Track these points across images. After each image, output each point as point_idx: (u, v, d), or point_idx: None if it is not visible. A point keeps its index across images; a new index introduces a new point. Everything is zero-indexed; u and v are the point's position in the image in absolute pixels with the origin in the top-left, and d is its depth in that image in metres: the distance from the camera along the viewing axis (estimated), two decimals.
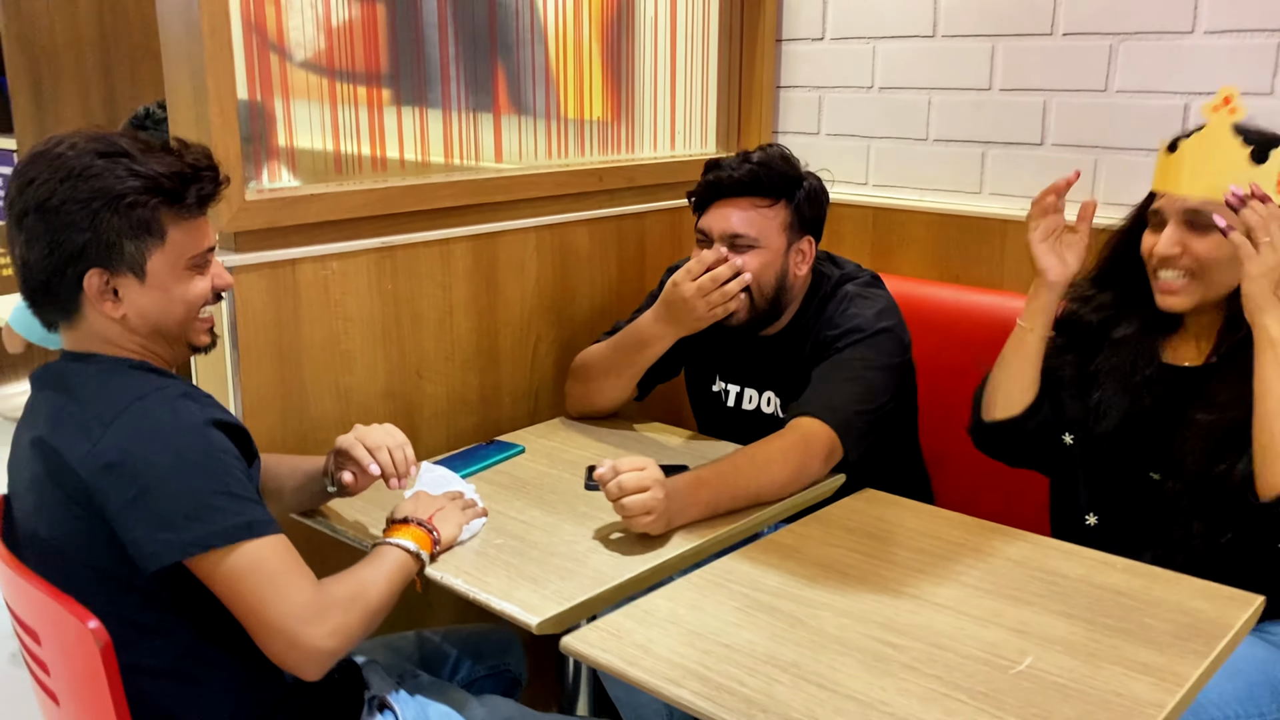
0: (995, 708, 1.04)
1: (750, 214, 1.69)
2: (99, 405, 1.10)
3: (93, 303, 1.15)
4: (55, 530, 1.10)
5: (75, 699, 1.04)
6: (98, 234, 1.11)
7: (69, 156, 1.12)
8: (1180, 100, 1.84)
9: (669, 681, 1.09)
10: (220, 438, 1.11)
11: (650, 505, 1.35)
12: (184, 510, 1.06)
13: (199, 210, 1.19)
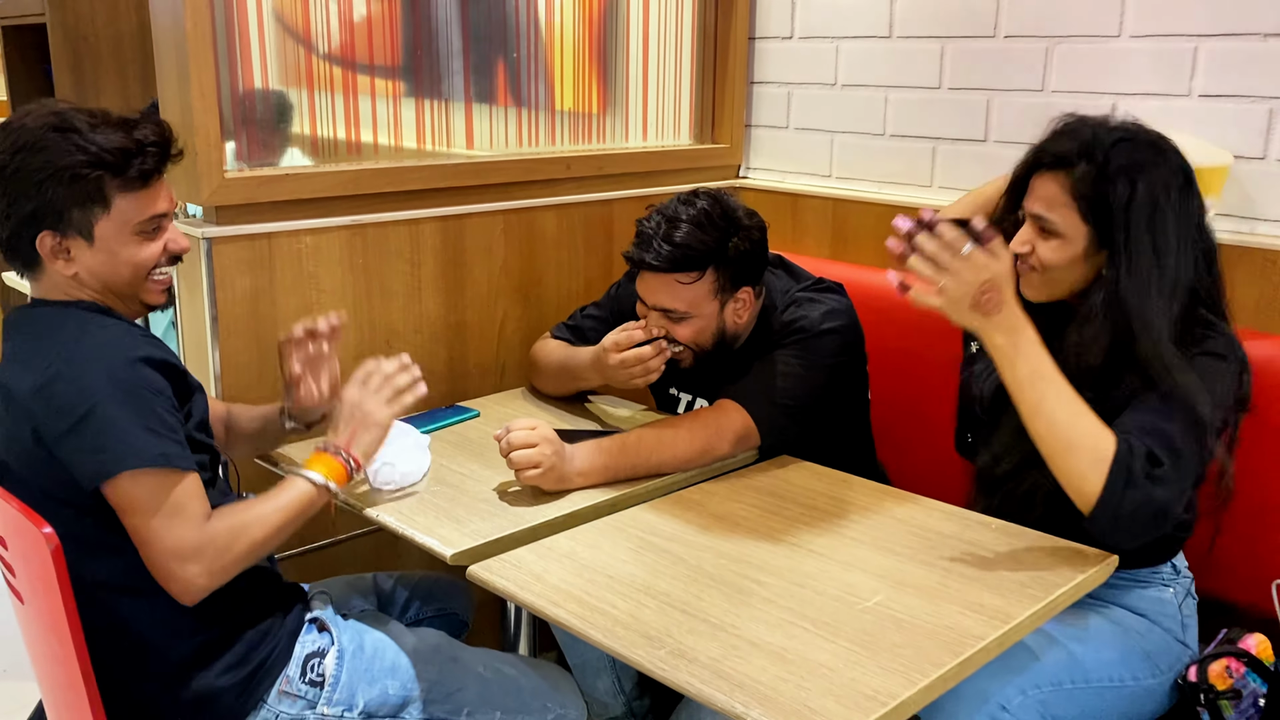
0: (831, 634, 1.17)
1: (677, 289, 1.69)
2: (46, 342, 1.26)
3: (48, 260, 1.30)
4: (14, 457, 1.26)
5: (35, 596, 1.21)
6: (46, 201, 1.25)
7: (26, 129, 1.26)
8: (1109, 101, 1.94)
9: (551, 603, 1.23)
10: (150, 374, 1.24)
11: (536, 460, 1.49)
12: (108, 437, 1.19)
13: (142, 182, 1.30)
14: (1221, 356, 1.39)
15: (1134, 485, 1.26)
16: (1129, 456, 1.27)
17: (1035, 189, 1.44)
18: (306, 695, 1.34)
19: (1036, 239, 1.44)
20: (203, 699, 1.28)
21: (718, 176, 2.52)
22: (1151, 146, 1.40)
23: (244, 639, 1.32)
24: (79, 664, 1.15)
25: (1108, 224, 1.37)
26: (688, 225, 1.67)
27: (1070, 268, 1.42)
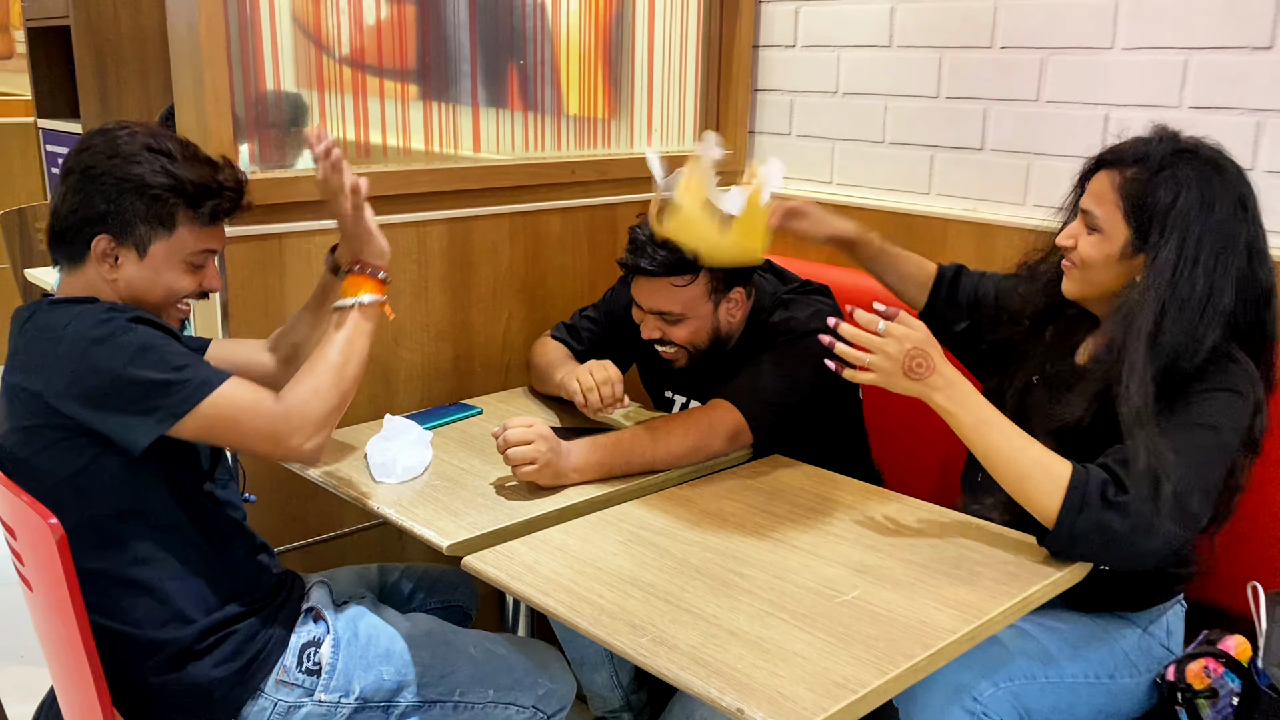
0: (808, 625, 1.21)
1: (672, 293, 1.75)
2: (47, 341, 1.30)
3: (95, 261, 1.37)
4: (30, 451, 1.31)
5: (42, 585, 1.26)
6: (120, 208, 1.34)
7: (123, 139, 1.35)
8: (1101, 111, 1.98)
9: (541, 593, 1.28)
10: (146, 329, 1.30)
11: (532, 456, 1.54)
12: (147, 395, 1.26)
13: (209, 220, 1.40)
14: (1238, 393, 1.40)
15: (1088, 508, 1.31)
16: (1084, 481, 1.32)
17: (1091, 185, 1.49)
18: (303, 684, 1.39)
19: (1082, 233, 1.48)
20: (200, 688, 1.34)
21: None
22: (1211, 164, 1.42)
23: (240, 630, 1.37)
24: (85, 651, 1.20)
25: (1145, 228, 1.40)
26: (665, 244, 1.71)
27: (1105, 266, 1.45)
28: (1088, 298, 1.53)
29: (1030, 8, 2.04)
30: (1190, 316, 1.38)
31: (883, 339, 1.39)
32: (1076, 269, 1.51)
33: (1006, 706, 1.42)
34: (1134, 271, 1.44)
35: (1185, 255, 1.38)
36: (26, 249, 3.35)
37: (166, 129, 1.42)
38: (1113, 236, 1.45)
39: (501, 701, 1.50)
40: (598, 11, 2.32)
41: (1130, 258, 1.44)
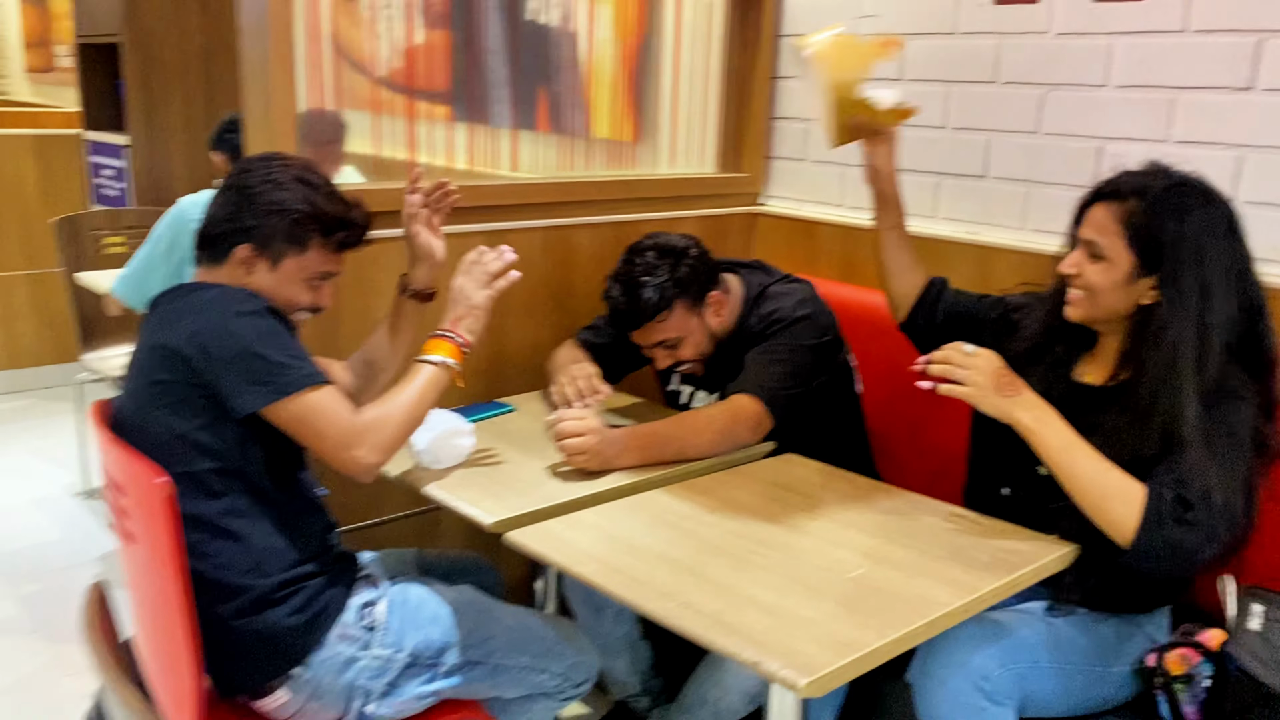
0: (818, 597, 1.36)
1: (662, 328, 1.99)
2: (191, 303, 1.52)
3: (233, 265, 1.58)
4: (160, 409, 1.48)
5: (146, 537, 1.42)
6: (265, 225, 1.56)
7: (277, 168, 1.58)
8: (1095, 143, 2.13)
9: (576, 562, 1.43)
10: (277, 320, 1.52)
11: (584, 446, 1.72)
12: (264, 370, 1.45)
13: (336, 248, 1.62)
14: (1244, 399, 1.54)
15: (1164, 526, 1.45)
16: (1158, 502, 1.46)
17: (1090, 217, 1.62)
18: (361, 639, 1.54)
19: (1085, 262, 1.61)
20: (273, 635, 1.49)
21: (739, 203, 2.72)
22: (1202, 194, 1.56)
23: (310, 587, 1.53)
24: (180, 597, 1.36)
25: (1151, 254, 1.54)
26: (642, 277, 1.96)
27: (1112, 290, 1.58)
28: (1094, 321, 1.65)
29: (1031, 47, 2.20)
30: (1220, 337, 1.52)
31: (974, 359, 1.55)
32: (1083, 295, 1.63)
33: (1011, 687, 1.55)
34: (1138, 295, 1.57)
35: (1204, 280, 1.52)
36: (78, 253, 3.52)
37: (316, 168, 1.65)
38: (1117, 263, 1.57)
39: (534, 667, 1.64)
40: (626, 42, 2.49)
41: (1134, 282, 1.57)
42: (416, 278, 1.84)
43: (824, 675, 1.18)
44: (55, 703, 2.40)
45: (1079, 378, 1.71)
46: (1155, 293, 1.55)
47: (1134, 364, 1.59)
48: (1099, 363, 1.70)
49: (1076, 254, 1.64)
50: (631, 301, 1.97)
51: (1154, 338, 1.54)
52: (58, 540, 3.23)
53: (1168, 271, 1.53)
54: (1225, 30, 1.94)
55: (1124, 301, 1.59)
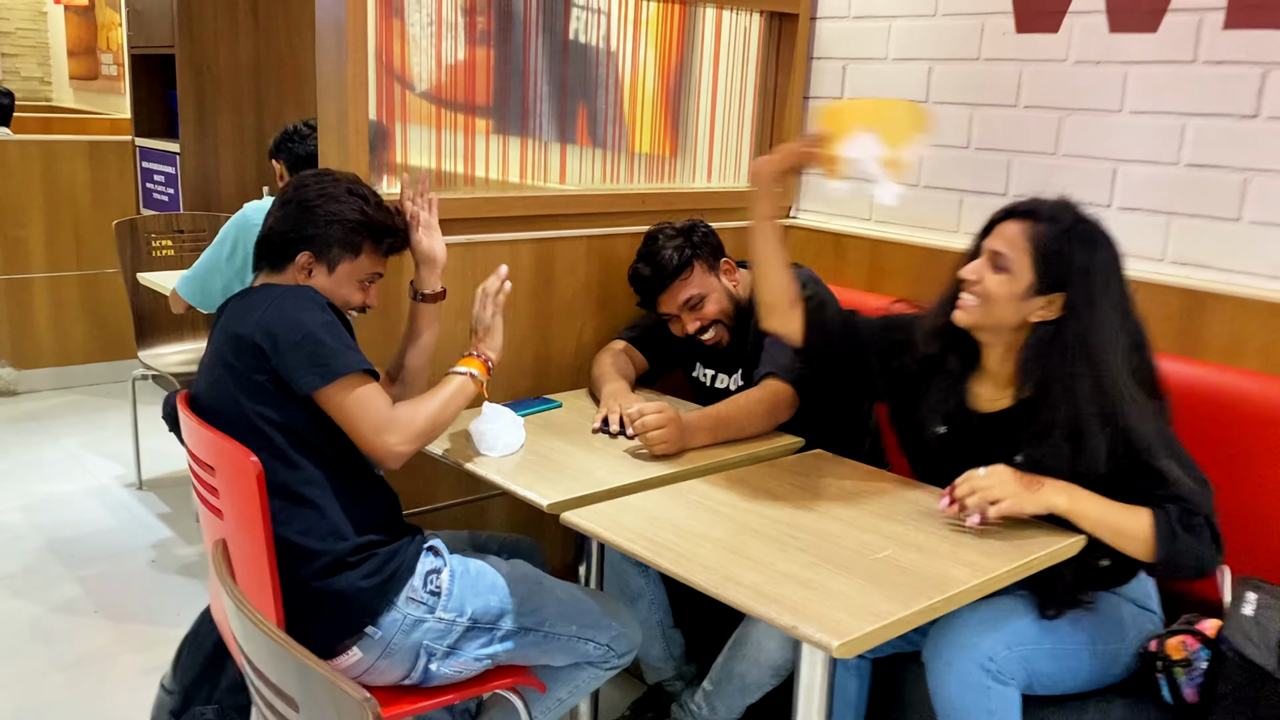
0: (848, 574, 1.49)
1: (686, 286, 2.25)
2: (264, 297, 1.70)
3: (294, 270, 1.77)
4: (236, 392, 1.64)
5: (235, 510, 1.57)
6: (323, 233, 1.76)
7: (333, 183, 1.78)
8: (1110, 165, 2.27)
9: (627, 540, 1.57)
10: (334, 315, 1.69)
11: (665, 437, 1.92)
12: (323, 354, 1.62)
13: (384, 253, 1.84)
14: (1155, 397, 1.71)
15: (1177, 539, 1.61)
16: (1166, 521, 1.62)
17: (1000, 231, 1.74)
18: (427, 602, 1.69)
19: (987, 271, 1.73)
20: (349, 594, 1.64)
21: None
22: (1104, 233, 1.72)
23: (381, 553, 1.68)
24: (269, 564, 1.51)
25: (1053, 276, 1.68)
26: (663, 247, 2.25)
27: (1008, 302, 1.70)
28: (980, 328, 1.77)
29: (1050, 73, 2.34)
30: (1122, 359, 1.67)
31: (989, 478, 1.64)
32: (977, 302, 1.74)
33: (1017, 667, 1.67)
34: (1029, 311, 1.70)
35: (1108, 308, 1.67)
36: (136, 255, 3.69)
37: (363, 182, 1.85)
38: (1019, 277, 1.69)
39: (582, 636, 1.79)
40: (666, 61, 2.64)
41: (1029, 298, 1.69)
42: (424, 281, 2.00)
43: (854, 639, 1.32)
44: (117, 677, 2.56)
45: (976, 404, 1.83)
46: (1047, 311, 1.69)
47: (1035, 382, 1.72)
48: (990, 383, 1.82)
49: (979, 262, 1.75)
50: (655, 268, 2.24)
51: (1056, 358, 1.67)
52: (114, 528, 3.40)
53: (1078, 295, 1.66)
54: (1233, 62, 2.07)
55: (1014, 315, 1.71)
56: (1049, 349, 1.69)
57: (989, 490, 1.62)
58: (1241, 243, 2.10)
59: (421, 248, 1.98)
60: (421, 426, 1.70)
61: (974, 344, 1.82)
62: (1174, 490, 1.63)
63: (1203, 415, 2.00)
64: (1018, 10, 2.38)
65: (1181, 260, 2.19)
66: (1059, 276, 1.68)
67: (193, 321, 3.68)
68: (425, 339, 2.01)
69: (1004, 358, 1.78)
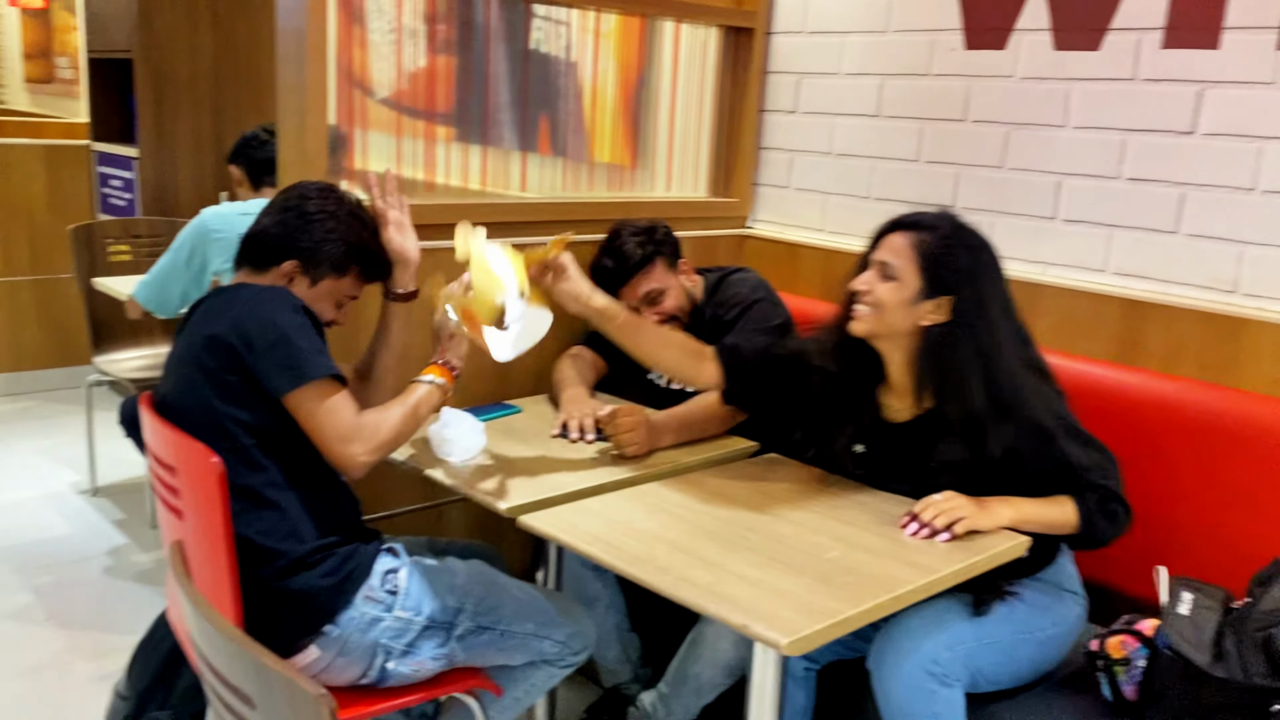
0: (798, 573, 1.53)
1: (647, 279, 2.34)
2: (238, 297, 1.71)
3: (275, 275, 1.79)
4: (206, 393, 1.64)
5: (195, 510, 1.58)
6: (317, 247, 1.78)
7: (335, 201, 1.82)
8: (1055, 179, 2.34)
9: (583, 542, 1.60)
10: (307, 318, 1.70)
11: (637, 439, 1.98)
12: (296, 357, 1.63)
13: (366, 279, 1.89)
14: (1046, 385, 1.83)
15: (1097, 525, 1.75)
16: (1087, 509, 1.75)
17: (886, 242, 1.83)
18: (385, 601, 1.70)
19: (876, 281, 1.82)
20: (308, 594, 1.65)
21: (728, 226, 2.92)
22: (981, 239, 1.82)
23: (340, 553, 1.69)
24: (228, 564, 1.52)
25: (938, 280, 1.77)
26: (626, 242, 2.34)
27: (899, 308, 1.79)
28: (875, 336, 1.85)
29: (997, 89, 2.41)
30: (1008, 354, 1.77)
31: (947, 500, 1.71)
32: (869, 311, 1.82)
33: (960, 668, 1.72)
34: (920, 315, 1.78)
35: (990, 308, 1.77)
36: (92, 260, 3.67)
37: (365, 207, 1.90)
38: (907, 284, 1.78)
39: (538, 635, 1.81)
40: (626, 72, 2.68)
41: (918, 303, 1.78)
42: (396, 280, 2.02)
43: (803, 636, 1.36)
44: (70, 685, 2.54)
45: (887, 416, 1.91)
46: (936, 315, 1.77)
47: (933, 385, 1.81)
48: (896, 394, 1.90)
49: (869, 274, 1.84)
50: (619, 259, 2.33)
51: (947, 358, 1.77)
52: (68, 535, 3.36)
53: (965, 297, 1.75)
54: (1170, 80, 2.15)
55: (906, 320, 1.79)
56: (940, 350, 1.78)
57: (952, 511, 1.70)
58: (1179, 254, 2.18)
59: (393, 246, 1.99)
60: (385, 437, 1.71)
61: (876, 358, 1.89)
62: (1087, 477, 1.76)
63: (1141, 422, 2.08)
64: (967, 27, 2.45)
65: (1123, 271, 2.26)
66: (944, 280, 1.77)
67: (149, 327, 3.65)
68: (394, 338, 2.03)
69: (904, 367, 1.86)
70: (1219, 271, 2.13)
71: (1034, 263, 2.39)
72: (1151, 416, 2.07)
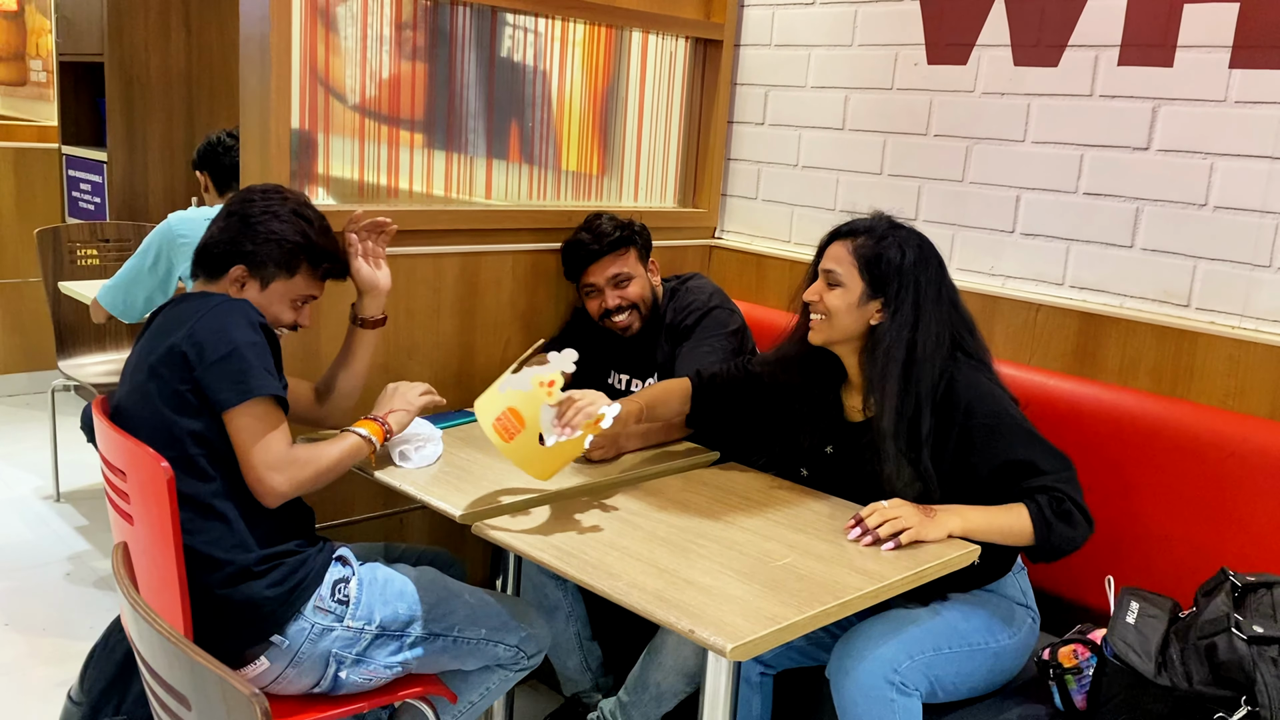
0: (747, 579, 1.54)
1: (621, 261, 2.38)
2: (193, 307, 1.69)
3: (228, 281, 1.78)
4: (158, 401, 1.64)
5: (145, 516, 1.57)
6: (261, 249, 1.76)
7: (276, 200, 1.79)
8: (1014, 192, 2.37)
9: (536, 549, 1.61)
10: (265, 336, 1.70)
11: (602, 442, 2.00)
12: (244, 373, 1.62)
13: (320, 277, 1.85)
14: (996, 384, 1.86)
15: (1053, 528, 1.74)
16: (1040, 513, 1.75)
17: (830, 252, 1.90)
18: (335, 611, 1.70)
19: (824, 291, 1.88)
20: (255, 603, 1.64)
21: (696, 236, 2.93)
22: (917, 236, 1.89)
23: (288, 563, 1.69)
24: (177, 570, 1.51)
25: (877, 280, 1.84)
26: (605, 223, 2.39)
27: (847, 312, 1.86)
28: (832, 342, 1.91)
29: (958, 104, 2.44)
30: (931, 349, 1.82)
31: (894, 508, 1.73)
32: (823, 319, 1.89)
33: (920, 676, 1.74)
34: (868, 316, 1.85)
35: (918, 303, 1.82)
36: (58, 264, 3.64)
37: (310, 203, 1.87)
38: (851, 288, 1.85)
39: (491, 639, 1.81)
40: (594, 82, 2.69)
41: (865, 304, 1.85)
42: (365, 307, 2.03)
43: (749, 641, 1.37)
44: (28, 690, 2.51)
45: (849, 415, 1.96)
46: (881, 314, 1.85)
47: (877, 382, 1.85)
48: (856, 393, 1.95)
49: (817, 284, 1.91)
50: (596, 235, 2.37)
51: (880, 352, 1.83)
52: (29, 540, 3.33)
53: (900, 292, 1.82)
54: (1126, 96, 2.18)
55: (857, 322, 1.87)
56: (878, 346, 1.84)
57: (897, 521, 1.72)
58: (1134, 268, 2.21)
59: (362, 275, 2.00)
60: (309, 475, 1.69)
61: (836, 360, 1.95)
62: (1041, 481, 1.77)
63: (1096, 433, 2.10)
64: (929, 42, 2.48)
65: (1080, 285, 2.29)
66: (883, 279, 1.83)
67: (114, 331, 3.64)
68: (359, 364, 2.03)
69: (858, 368, 1.92)
70: (1173, 286, 2.16)
71: (994, 275, 2.41)
72: (1106, 428, 2.10)
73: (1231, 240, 2.08)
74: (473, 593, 1.86)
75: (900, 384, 1.80)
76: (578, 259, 2.40)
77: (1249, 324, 2.07)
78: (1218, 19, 2.05)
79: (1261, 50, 2.01)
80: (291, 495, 1.68)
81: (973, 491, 1.82)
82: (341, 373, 2.03)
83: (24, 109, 7.23)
